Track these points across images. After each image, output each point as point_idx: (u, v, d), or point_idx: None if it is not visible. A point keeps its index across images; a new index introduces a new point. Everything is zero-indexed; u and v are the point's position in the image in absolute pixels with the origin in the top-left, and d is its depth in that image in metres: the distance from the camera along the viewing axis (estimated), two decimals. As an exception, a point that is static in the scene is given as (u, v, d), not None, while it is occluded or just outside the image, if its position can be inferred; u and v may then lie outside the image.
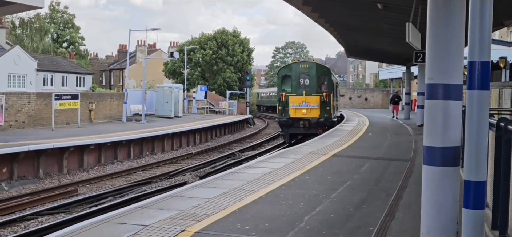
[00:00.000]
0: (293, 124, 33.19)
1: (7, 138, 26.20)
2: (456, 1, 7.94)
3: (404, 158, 18.34)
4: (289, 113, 33.04)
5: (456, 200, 8.05)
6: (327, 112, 32.76)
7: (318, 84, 33.82)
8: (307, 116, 32.83)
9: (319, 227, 8.98)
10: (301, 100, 32.78)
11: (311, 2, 21.72)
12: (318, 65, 36.44)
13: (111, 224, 9.06)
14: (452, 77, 7.98)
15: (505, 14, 20.66)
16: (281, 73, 35.70)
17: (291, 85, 33.98)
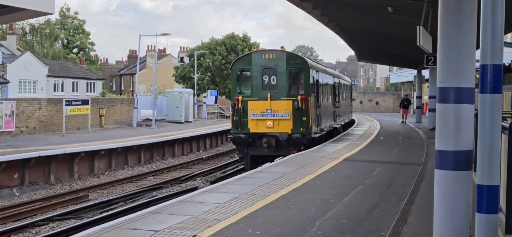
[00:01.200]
0: (255, 143, 23.47)
1: (19, 143, 26.36)
2: (467, 3, 7.91)
3: (416, 162, 18.26)
4: (247, 126, 23.16)
5: (469, 204, 8.01)
6: (304, 125, 22.69)
7: (290, 82, 23.89)
8: (274, 131, 22.94)
9: (331, 232, 8.96)
10: (265, 107, 22.84)
11: (321, 6, 21.75)
12: (290, 55, 24.93)
13: (122, 229, 9.08)
14: (464, 81, 7.95)
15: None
16: (237, 67, 24.74)
17: (250, 85, 23.97)
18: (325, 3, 21.48)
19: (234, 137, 23.86)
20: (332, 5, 21.77)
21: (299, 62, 24.39)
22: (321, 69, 28.17)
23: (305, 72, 23.84)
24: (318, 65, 28.84)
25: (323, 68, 30.24)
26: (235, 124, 23.77)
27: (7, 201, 19.95)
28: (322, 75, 27.72)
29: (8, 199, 20.37)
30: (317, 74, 25.57)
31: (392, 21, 21.22)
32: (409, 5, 16.38)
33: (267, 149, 23.27)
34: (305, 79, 23.79)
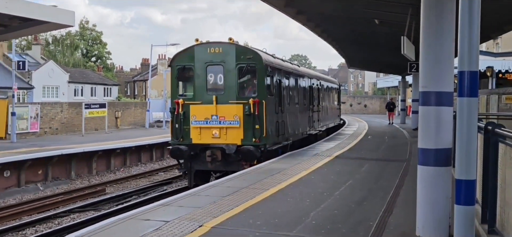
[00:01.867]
0: (199, 156, 18.01)
1: (42, 143, 26.41)
2: (447, 16, 7.93)
3: (401, 159, 18.26)
4: (189, 135, 17.86)
5: (448, 197, 8.01)
6: (257, 134, 17.14)
7: (241, 82, 18.28)
8: (220, 142, 17.57)
9: (324, 223, 8.96)
10: (210, 113, 17.46)
11: (314, 18, 21.73)
12: (241, 49, 18.71)
13: (136, 220, 9.09)
14: (444, 85, 7.96)
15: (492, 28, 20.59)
16: (177, 63, 18.72)
17: (193, 85, 18.44)
18: (319, 17, 21.45)
19: (173, 150, 17.98)
20: (325, 18, 21.74)
21: (251, 57, 17.95)
22: (286, 67, 22.00)
23: (259, 70, 17.87)
24: (281, 62, 22.06)
25: (291, 67, 23.77)
26: (175, 133, 18.20)
27: (33, 195, 19.98)
28: (288, 75, 22.00)
29: (33, 193, 20.41)
30: (278, 74, 19.96)
31: (379, 32, 21.22)
32: (394, 17, 16.38)
33: (211, 164, 17.76)
34: (259, 78, 17.89)
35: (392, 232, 8.36)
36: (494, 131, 7.57)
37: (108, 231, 8.39)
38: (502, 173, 7.29)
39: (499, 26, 20.98)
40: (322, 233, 8.27)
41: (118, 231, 8.37)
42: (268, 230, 8.43)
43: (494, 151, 7.54)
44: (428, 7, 8.04)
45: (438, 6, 7.94)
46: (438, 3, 7.94)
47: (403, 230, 8.46)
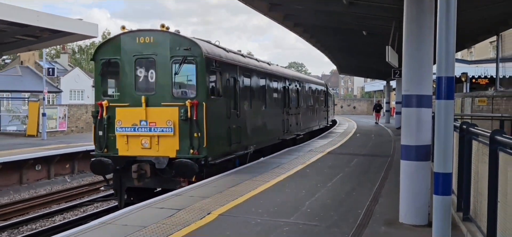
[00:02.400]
0: (126, 171, 13.21)
1: (69, 140, 26.45)
2: (426, 29, 7.95)
3: (386, 155, 18.24)
4: (115, 145, 13.23)
5: (428, 188, 8.02)
6: (196, 144, 12.70)
7: (177, 80, 13.37)
8: (150, 154, 13.00)
9: (318, 211, 8.96)
10: (139, 117, 13.00)
11: (310, 30, 21.74)
12: (177, 39, 13.31)
13: (152, 208, 9.10)
14: (423, 89, 7.99)
15: (466, 39, 20.61)
16: (101, 57, 13.85)
17: (119, 82, 13.71)
18: (313, 29, 21.47)
19: (94, 163, 13.27)
20: (319, 30, 21.74)
21: (188, 48, 12.85)
22: (245, 64, 16.51)
23: (199, 64, 12.91)
24: (239, 57, 16.29)
25: (254, 64, 17.73)
26: (98, 142, 13.36)
27: (61, 186, 20.01)
28: (250, 73, 16.64)
29: (61, 184, 20.44)
30: (232, 71, 14.97)
31: (366, 42, 21.23)
32: (380, 29, 16.38)
33: (138, 181, 12.98)
34: (199, 74, 12.95)
35: (378, 219, 8.36)
36: (468, 130, 7.58)
37: (130, 217, 8.42)
38: (475, 167, 7.30)
39: (473, 37, 20.99)
40: (316, 220, 8.27)
41: (138, 217, 8.38)
42: (269, 217, 8.43)
43: (468, 148, 7.56)
44: (410, 21, 8.05)
45: (419, 19, 7.95)
46: (419, 17, 7.95)
47: (388, 217, 8.45)
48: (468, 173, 7.53)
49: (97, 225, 7.95)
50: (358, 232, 7.60)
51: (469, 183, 7.50)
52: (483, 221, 6.34)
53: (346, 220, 8.30)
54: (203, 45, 13.20)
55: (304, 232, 7.55)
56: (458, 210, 7.94)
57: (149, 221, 8.09)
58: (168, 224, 7.92)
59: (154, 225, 7.86)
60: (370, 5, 13.45)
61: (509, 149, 5.35)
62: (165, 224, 7.92)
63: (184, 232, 7.47)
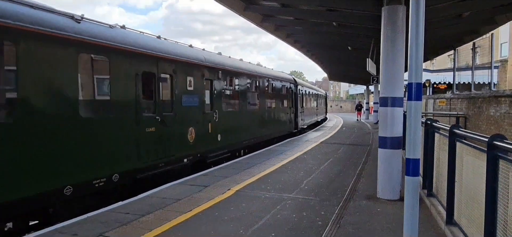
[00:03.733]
0: None
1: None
2: (398, 45, 7.92)
3: (366, 144, 18.16)
4: None
5: (399, 170, 8.00)
6: None
7: None
8: None
9: (313, 188, 8.96)
10: None
11: (307, 46, 21.68)
12: None
13: (184, 185, 9.15)
14: (396, 93, 7.97)
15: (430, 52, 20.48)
16: None
17: None
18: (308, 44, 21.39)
19: None
20: (314, 46, 21.66)
21: None
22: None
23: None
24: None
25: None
26: None
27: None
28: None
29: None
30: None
31: (351, 55, 21.10)
32: (362, 45, 16.29)
33: None
34: None
35: (360, 195, 8.35)
36: (431, 125, 7.56)
37: (168, 191, 8.46)
38: (437, 154, 7.28)
39: (435, 51, 20.86)
40: (312, 195, 8.28)
41: (174, 191, 8.43)
42: (275, 192, 8.45)
43: (431, 139, 7.53)
44: (385, 39, 8.03)
45: (393, 38, 7.93)
46: (393, 36, 7.93)
47: (368, 193, 8.44)
48: (431, 159, 7.50)
49: (143, 198, 8.01)
50: (345, 204, 7.60)
51: (432, 167, 7.48)
52: (443, 196, 6.33)
53: (335, 195, 8.30)
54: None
55: (303, 204, 7.56)
56: (423, 188, 7.91)
57: (183, 195, 8.15)
58: (197, 197, 7.96)
59: (186, 198, 7.91)
60: (354, 26, 13.38)
61: (464, 140, 5.33)
62: (195, 197, 7.97)
63: (210, 204, 7.51)
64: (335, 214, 6.97)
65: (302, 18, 13.64)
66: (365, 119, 41.01)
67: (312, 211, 7.11)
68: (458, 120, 19.24)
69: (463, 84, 33.89)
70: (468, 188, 4.97)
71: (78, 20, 7.48)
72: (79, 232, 5.95)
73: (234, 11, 12.37)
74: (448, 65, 41.95)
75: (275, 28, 15.77)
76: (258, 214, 6.89)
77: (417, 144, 4.60)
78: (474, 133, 5.07)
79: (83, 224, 6.31)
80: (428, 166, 7.66)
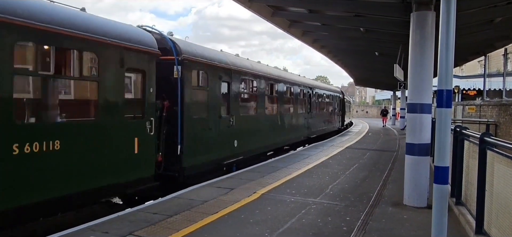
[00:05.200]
0: None
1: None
2: (428, 50, 7.76)
3: (392, 150, 17.85)
4: None
5: (427, 177, 7.83)
6: None
7: None
8: None
9: (338, 193, 8.87)
10: None
11: (333, 51, 21.52)
12: None
13: (211, 187, 9.21)
14: (425, 99, 7.82)
15: (459, 58, 19.98)
16: None
17: None
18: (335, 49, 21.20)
19: None
20: (340, 51, 21.46)
21: None
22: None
23: None
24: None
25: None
26: None
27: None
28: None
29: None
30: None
31: (378, 61, 20.81)
32: (389, 50, 16.03)
33: None
34: None
35: (386, 202, 8.21)
36: (461, 132, 7.36)
37: (194, 192, 8.54)
38: (466, 162, 7.08)
39: (464, 57, 20.32)
40: (337, 200, 8.19)
41: (201, 193, 8.50)
42: (300, 197, 8.41)
43: (461, 146, 7.33)
44: (414, 44, 7.88)
45: (422, 44, 7.78)
46: (422, 42, 7.78)
47: (394, 200, 8.29)
48: (461, 167, 7.30)
49: (171, 198, 8.12)
50: (370, 210, 7.49)
51: (461, 174, 7.28)
52: (472, 205, 6.14)
53: (361, 201, 8.19)
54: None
55: (328, 209, 7.49)
56: (452, 196, 7.70)
57: (209, 196, 8.21)
58: (223, 200, 8.01)
59: (213, 200, 7.97)
60: (382, 32, 13.19)
61: (495, 148, 5.17)
62: (221, 199, 8.02)
63: (236, 206, 7.54)
64: (361, 220, 6.87)
65: (329, 23, 13.55)
66: (392, 125, 40.28)
67: (337, 216, 7.03)
68: (488, 127, 18.64)
69: (493, 91, 32.82)
70: (499, 197, 4.81)
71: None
72: (110, 230, 6.09)
73: (262, 17, 12.42)
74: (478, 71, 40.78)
75: (302, 33, 15.74)
76: (283, 218, 6.87)
77: (446, 151, 4.49)
78: (506, 141, 4.91)
79: (113, 223, 6.45)
80: (457, 174, 7.45)
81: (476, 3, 9.35)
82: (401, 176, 8.53)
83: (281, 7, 12.50)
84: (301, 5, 11.78)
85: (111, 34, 7.29)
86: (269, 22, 12.95)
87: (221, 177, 10.52)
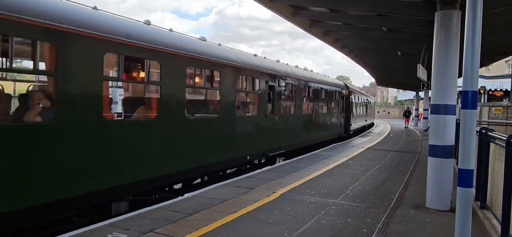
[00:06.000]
0: None
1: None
2: (452, 51, 7.59)
3: (414, 152, 17.54)
4: None
5: (451, 180, 7.66)
6: None
7: None
8: None
9: (359, 194, 8.77)
10: None
11: (355, 51, 21.29)
12: None
13: (230, 186, 9.24)
14: (449, 100, 7.66)
15: (486, 58, 19.48)
16: None
17: None
18: (356, 49, 20.97)
19: None
20: (362, 51, 21.22)
21: None
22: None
23: None
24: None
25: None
26: None
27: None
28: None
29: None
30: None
31: (401, 61, 20.49)
32: (412, 50, 15.76)
33: None
34: None
35: (408, 204, 8.06)
36: (486, 134, 7.17)
37: (214, 191, 8.57)
38: (492, 164, 6.89)
39: (491, 56, 19.78)
40: (358, 202, 8.10)
41: (220, 192, 8.53)
42: (320, 197, 8.35)
43: (486, 149, 7.14)
44: (439, 44, 7.72)
45: (447, 43, 7.61)
46: (446, 41, 7.62)
47: (416, 202, 8.14)
48: (486, 170, 7.11)
49: (191, 197, 8.19)
50: (391, 213, 7.37)
51: (486, 177, 7.09)
52: (498, 209, 5.97)
53: (381, 203, 8.07)
54: None
55: (348, 211, 7.41)
56: (476, 200, 7.51)
57: (229, 196, 8.24)
58: (242, 199, 8.02)
59: (232, 199, 7.99)
60: (405, 31, 12.97)
61: (523, 151, 5.01)
62: (241, 199, 8.03)
63: (255, 206, 7.54)
64: (381, 222, 6.77)
65: (350, 23, 13.41)
66: (414, 126, 39.56)
67: (357, 218, 6.95)
68: (515, 129, 18.11)
69: (521, 92, 31.89)
70: (527, 202, 4.67)
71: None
72: (131, 227, 6.18)
73: (283, 16, 12.39)
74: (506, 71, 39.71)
75: (324, 33, 15.63)
76: (303, 218, 6.83)
77: (470, 154, 4.37)
78: (534, 144, 4.76)
79: (135, 220, 6.54)
80: (482, 177, 7.26)
81: (503, 2, 9.10)
82: (424, 179, 8.36)
83: (302, 7, 12.44)
84: (322, 4, 11.70)
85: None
86: (290, 21, 12.92)
87: (241, 176, 10.54)
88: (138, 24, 8.08)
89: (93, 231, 6.03)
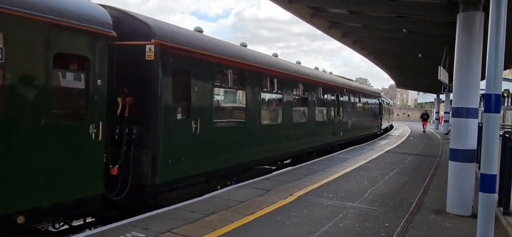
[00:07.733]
0: None
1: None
2: (475, 53, 7.44)
3: (435, 155, 17.23)
4: None
5: (472, 185, 7.50)
6: None
7: None
8: None
9: (377, 198, 8.66)
10: None
11: (374, 53, 21.07)
12: None
13: (247, 188, 9.24)
14: (471, 103, 7.51)
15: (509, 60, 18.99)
16: None
17: None
18: (376, 51, 20.74)
19: None
20: (382, 53, 20.97)
21: None
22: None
23: None
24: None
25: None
26: None
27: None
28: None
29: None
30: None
31: (421, 63, 20.16)
32: (433, 52, 15.50)
33: None
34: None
35: (427, 209, 7.92)
36: (510, 138, 6.98)
37: (231, 193, 8.60)
38: (516, 170, 6.71)
39: (515, 59, 19.30)
40: (376, 205, 7.99)
41: (238, 194, 8.55)
42: (338, 200, 8.28)
43: (510, 153, 6.96)
44: (460, 46, 7.57)
45: (469, 45, 7.46)
46: (469, 43, 7.46)
47: (436, 207, 7.98)
48: (509, 175, 6.93)
49: (208, 198, 8.22)
50: (410, 218, 7.25)
51: (509, 183, 6.91)
52: (522, 216, 5.81)
53: (400, 207, 7.95)
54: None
55: (366, 215, 7.33)
56: (499, 205, 7.32)
57: (246, 197, 8.25)
58: (259, 201, 8.02)
59: (249, 200, 7.99)
60: (426, 33, 12.76)
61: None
62: (257, 200, 8.03)
63: (272, 208, 7.53)
64: (400, 227, 6.66)
65: (370, 24, 13.27)
66: (435, 129, 38.86)
67: (375, 222, 6.86)
68: (540, 134, 17.61)
69: (547, 95, 31.01)
70: (552, 209, 4.53)
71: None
72: (150, 226, 6.24)
73: (302, 18, 12.35)
74: (530, 75, 38.61)
75: (342, 34, 15.51)
76: (320, 221, 6.78)
77: (493, 159, 4.27)
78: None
79: (153, 220, 6.61)
80: (505, 182, 7.08)
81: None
82: (444, 183, 8.20)
83: (321, 8, 12.37)
84: (342, 6, 11.60)
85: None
86: (309, 23, 12.86)
87: (257, 178, 10.54)
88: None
89: (112, 230, 6.11)
